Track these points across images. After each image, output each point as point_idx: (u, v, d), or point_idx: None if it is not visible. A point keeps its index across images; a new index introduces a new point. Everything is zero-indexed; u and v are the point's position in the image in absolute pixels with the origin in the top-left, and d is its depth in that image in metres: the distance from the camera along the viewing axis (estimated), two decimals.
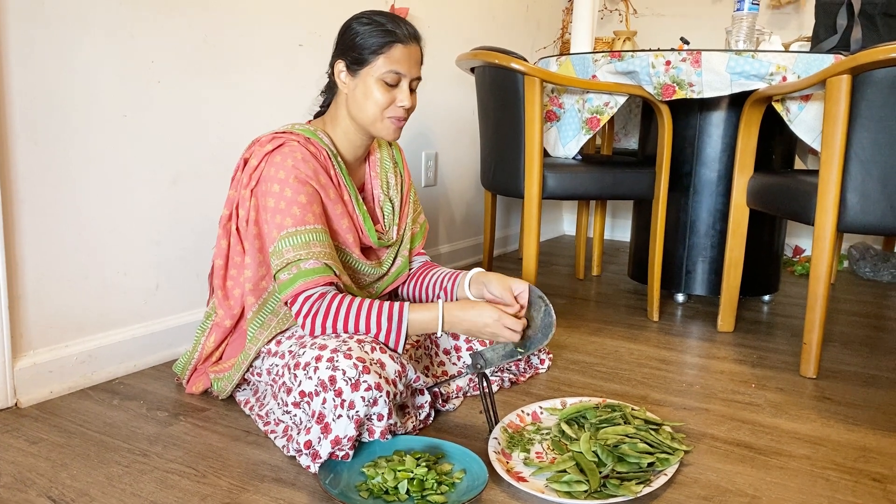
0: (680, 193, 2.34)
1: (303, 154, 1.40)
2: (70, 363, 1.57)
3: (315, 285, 1.34)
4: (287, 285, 1.35)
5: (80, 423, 1.41)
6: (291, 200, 1.36)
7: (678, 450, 1.31)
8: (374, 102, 1.41)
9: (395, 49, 1.39)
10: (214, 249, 1.52)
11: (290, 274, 1.34)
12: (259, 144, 1.45)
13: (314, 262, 1.35)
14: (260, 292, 1.46)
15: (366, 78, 1.41)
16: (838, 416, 1.55)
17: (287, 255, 1.35)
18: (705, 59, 1.99)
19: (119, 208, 1.65)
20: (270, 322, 1.45)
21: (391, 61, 1.39)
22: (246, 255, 1.46)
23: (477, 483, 1.17)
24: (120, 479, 1.20)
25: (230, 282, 1.51)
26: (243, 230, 1.46)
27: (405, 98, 1.42)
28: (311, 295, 1.34)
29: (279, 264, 1.35)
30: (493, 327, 1.36)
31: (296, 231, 1.35)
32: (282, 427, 1.35)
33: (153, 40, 1.66)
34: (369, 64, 1.40)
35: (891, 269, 2.91)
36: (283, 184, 1.37)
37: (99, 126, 1.58)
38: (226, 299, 1.51)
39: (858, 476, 1.29)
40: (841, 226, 1.69)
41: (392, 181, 1.62)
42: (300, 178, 1.38)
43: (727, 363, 1.87)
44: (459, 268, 2.94)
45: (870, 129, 1.63)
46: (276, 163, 1.38)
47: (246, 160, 1.47)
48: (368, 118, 1.43)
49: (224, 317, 1.51)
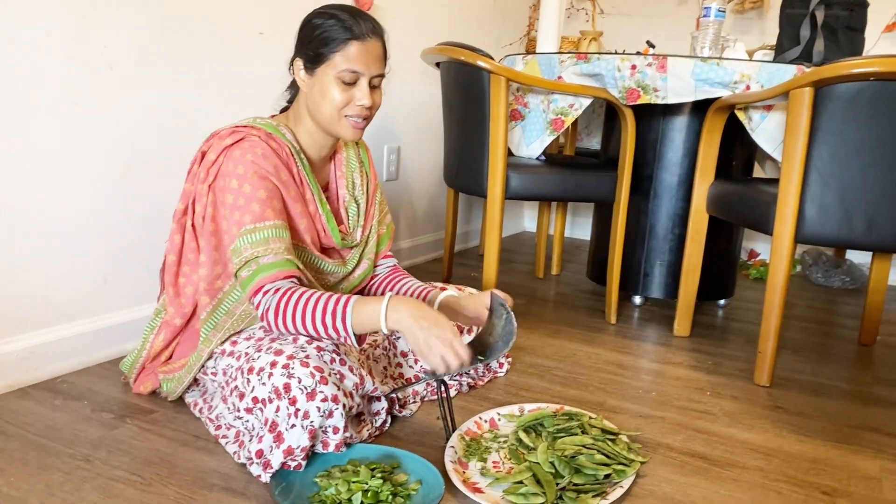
0: (640, 197, 2.35)
1: (263, 150, 1.35)
2: (10, 360, 1.50)
3: (273, 279, 1.30)
4: (247, 282, 1.31)
5: (20, 426, 1.35)
6: (250, 196, 1.32)
7: (634, 461, 1.31)
8: (330, 102, 1.36)
9: (351, 46, 1.34)
10: (167, 244, 1.47)
11: (249, 271, 1.30)
12: (218, 138, 1.40)
13: (272, 256, 1.30)
14: (214, 292, 1.41)
15: (322, 77, 1.36)
16: (790, 426, 1.57)
17: (245, 252, 1.30)
18: (671, 65, 1.99)
19: (66, 198, 1.58)
20: (225, 323, 1.41)
21: (348, 59, 1.34)
22: (201, 252, 1.41)
23: (433, 495, 1.15)
24: (60, 487, 1.15)
25: (182, 279, 1.46)
26: (199, 226, 1.41)
27: (363, 96, 1.37)
28: (268, 291, 1.30)
29: (238, 262, 1.31)
30: (437, 346, 1.23)
31: (254, 228, 1.31)
32: (233, 432, 1.31)
33: (106, 23, 1.59)
34: (325, 62, 1.35)
35: (841, 276, 2.97)
36: (241, 179, 1.32)
37: (45, 112, 1.51)
38: (177, 297, 1.46)
39: (809, 489, 1.30)
40: (799, 237, 1.71)
41: (358, 181, 1.58)
42: (260, 173, 1.33)
43: (683, 369, 1.89)
44: (419, 266, 2.92)
45: (829, 143, 1.65)
46: (235, 157, 1.33)
47: (203, 153, 1.42)
48: (326, 118, 1.39)
49: (174, 315, 1.46)
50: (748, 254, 3.34)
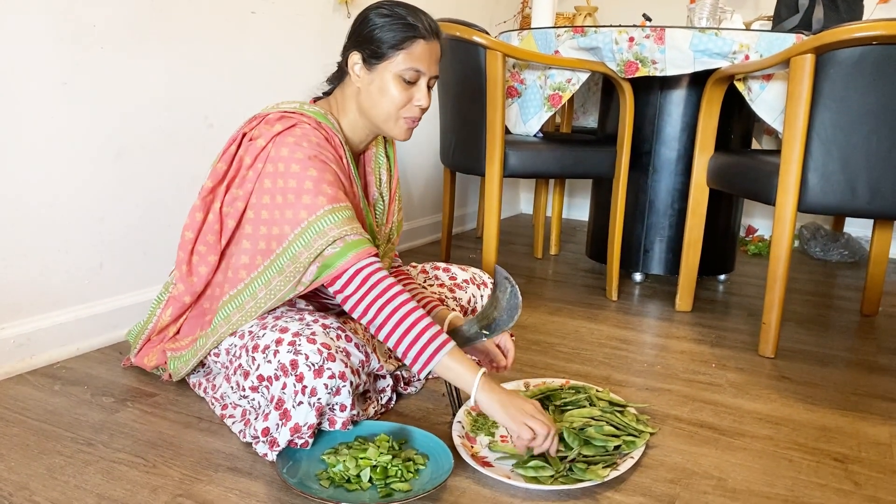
0: (639, 172, 2.33)
1: (318, 138, 1.29)
2: (6, 347, 1.48)
3: (367, 255, 1.23)
4: (335, 259, 1.22)
5: (19, 411, 1.33)
6: (319, 179, 1.25)
7: (644, 432, 1.30)
8: (390, 100, 1.31)
9: (416, 45, 1.29)
10: (187, 220, 1.40)
11: (336, 248, 1.22)
12: (266, 123, 1.32)
13: (359, 235, 1.24)
14: (237, 282, 1.34)
15: (383, 73, 1.31)
16: (798, 395, 1.56)
17: (331, 232, 1.22)
18: (669, 37, 1.97)
19: (59, 182, 1.55)
20: (233, 316, 1.34)
21: (412, 58, 1.29)
22: (223, 234, 1.36)
23: (442, 469, 1.13)
24: (62, 471, 1.13)
25: (196, 257, 1.40)
26: (229, 210, 1.35)
27: (423, 97, 1.33)
28: (363, 268, 1.21)
29: (324, 243, 1.22)
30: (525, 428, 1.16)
31: (334, 209, 1.24)
32: (239, 411, 1.29)
33: (96, 3, 1.55)
34: (388, 59, 1.29)
35: (840, 249, 2.96)
36: (303, 164, 1.25)
37: (35, 94, 1.47)
38: (189, 275, 1.41)
39: (820, 456, 1.29)
40: (802, 206, 1.69)
41: (384, 178, 1.53)
42: (321, 158, 1.27)
43: (687, 343, 1.87)
44: (417, 249, 2.90)
45: (832, 110, 1.63)
46: (290, 143, 1.27)
47: (250, 137, 1.34)
48: (382, 115, 1.34)
49: (184, 292, 1.41)
50: (746, 230, 3.33)
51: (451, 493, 1.12)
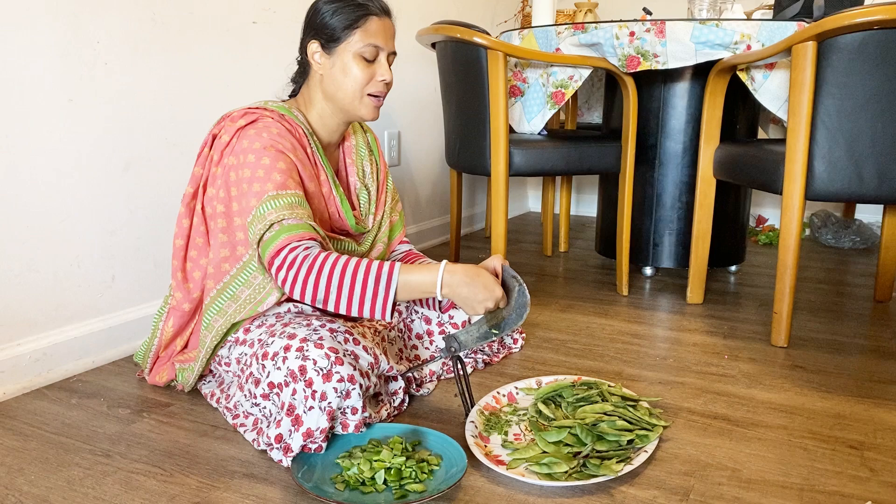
0: (645, 167, 2.33)
1: (278, 129, 1.34)
2: (23, 362, 1.49)
3: (300, 238, 1.26)
4: (270, 242, 1.26)
5: (37, 425, 1.35)
6: (270, 168, 1.29)
7: (657, 425, 1.30)
8: (353, 79, 1.36)
9: (370, 22, 1.35)
10: (175, 229, 1.45)
11: (272, 232, 1.26)
12: (230, 120, 1.38)
13: (297, 220, 1.28)
14: (221, 275, 1.39)
15: (342, 55, 1.36)
16: (811, 384, 1.55)
17: (269, 216, 1.26)
18: (669, 29, 1.96)
19: (69, 198, 1.56)
20: (228, 308, 1.38)
21: (368, 34, 1.35)
22: (209, 235, 1.39)
23: (456, 469, 1.13)
24: (81, 483, 1.15)
25: (190, 263, 1.44)
26: (210, 209, 1.39)
27: (385, 72, 1.38)
28: (296, 248, 1.25)
29: (262, 227, 1.26)
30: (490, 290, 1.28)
31: (277, 195, 1.28)
32: (251, 420, 1.30)
33: (98, 19, 1.57)
34: (345, 40, 1.35)
35: (851, 236, 2.94)
36: (258, 153, 1.30)
37: (42, 111, 1.49)
38: (185, 282, 1.44)
39: (835, 444, 1.29)
40: (809, 194, 1.69)
41: (368, 169, 1.56)
42: (277, 147, 1.31)
43: (699, 335, 1.87)
44: (426, 250, 2.90)
45: (835, 97, 1.63)
46: (251, 136, 1.32)
47: (215, 136, 1.40)
48: (348, 97, 1.38)
49: (182, 300, 1.44)
50: (756, 220, 3.32)
51: (466, 493, 1.12)
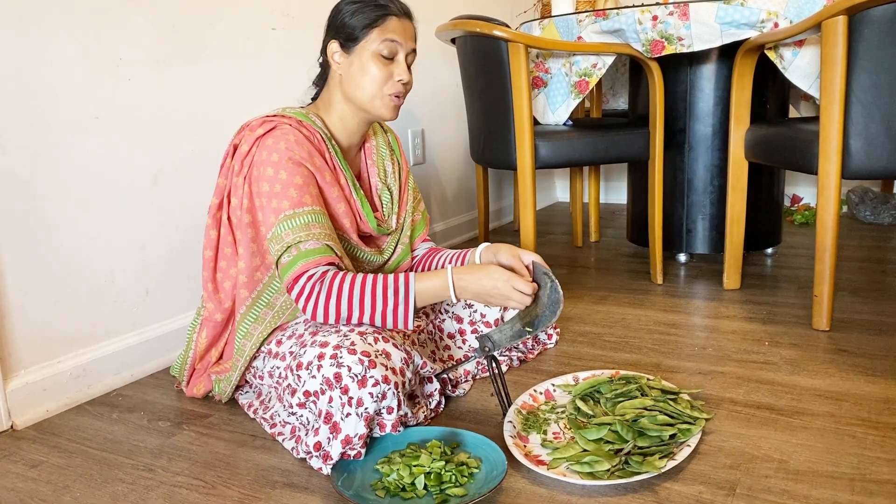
0: (675, 152, 2.28)
1: (296, 136, 1.34)
2: (64, 379, 1.52)
3: (316, 265, 1.29)
4: (288, 268, 1.29)
5: (80, 441, 1.36)
6: (287, 183, 1.31)
7: (699, 418, 1.27)
8: (371, 78, 1.37)
9: (389, 21, 1.36)
10: (203, 240, 1.46)
11: (290, 256, 1.29)
12: (249, 129, 1.39)
13: (314, 242, 1.29)
14: (254, 284, 1.40)
15: (361, 54, 1.37)
16: (857, 368, 1.51)
17: (287, 238, 1.29)
18: (693, 11, 1.92)
19: (99, 214, 1.58)
20: (265, 316, 1.40)
21: (386, 32, 1.36)
22: (238, 245, 1.40)
23: (496, 472, 1.12)
24: (125, 498, 1.16)
25: (220, 274, 1.45)
26: (235, 219, 1.40)
27: (402, 72, 1.38)
28: (313, 275, 1.28)
29: (279, 249, 1.30)
30: (503, 289, 1.30)
31: (293, 213, 1.30)
32: (289, 428, 1.30)
33: (120, 36, 1.59)
34: (364, 39, 1.36)
35: (891, 211, 2.87)
36: (276, 167, 1.31)
37: (70, 129, 1.51)
38: (216, 293, 1.46)
39: (885, 430, 1.25)
40: (846, 173, 1.64)
41: (389, 169, 1.56)
42: (294, 159, 1.32)
43: (737, 322, 1.83)
44: (455, 246, 2.89)
45: (869, 71, 1.58)
46: (269, 146, 1.33)
47: (236, 146, 1.41)
48: (367, 96, 1.38)
49: (214, 311, 1.46)
50: (791, 199, 3.25)
51: (507, 495, 1.11)
